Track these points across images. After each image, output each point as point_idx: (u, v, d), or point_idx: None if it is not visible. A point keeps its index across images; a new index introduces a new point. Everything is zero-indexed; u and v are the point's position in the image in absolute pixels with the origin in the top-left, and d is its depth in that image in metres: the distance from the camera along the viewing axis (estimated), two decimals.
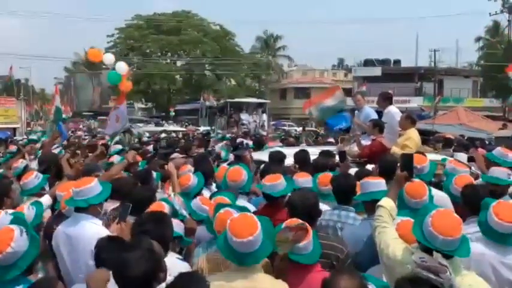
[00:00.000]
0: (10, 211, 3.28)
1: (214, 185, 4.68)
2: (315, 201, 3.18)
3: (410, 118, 6.22)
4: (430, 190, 3.48)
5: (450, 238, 2.37)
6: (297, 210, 3.06)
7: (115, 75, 8.59)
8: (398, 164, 3.32)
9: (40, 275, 2.87)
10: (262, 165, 4.92)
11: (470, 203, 3.41)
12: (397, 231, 2.78)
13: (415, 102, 32.01)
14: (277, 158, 5.31)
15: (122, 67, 8.72)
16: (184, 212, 3.39)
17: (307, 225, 2.68)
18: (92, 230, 3.20)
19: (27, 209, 3.40)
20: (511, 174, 4.11)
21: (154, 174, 5.15)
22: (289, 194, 3.48)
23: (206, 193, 4.20)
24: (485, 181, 4.17)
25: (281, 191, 3.60)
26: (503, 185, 4.00)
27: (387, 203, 2.93)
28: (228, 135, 16.86)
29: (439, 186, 4.28)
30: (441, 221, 2.41)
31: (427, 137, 10.48)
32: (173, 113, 41.80)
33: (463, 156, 6.84)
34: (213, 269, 2.81)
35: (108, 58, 9.09)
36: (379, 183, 3.40)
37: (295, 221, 2.70)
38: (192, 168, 4.97)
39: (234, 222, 2.53)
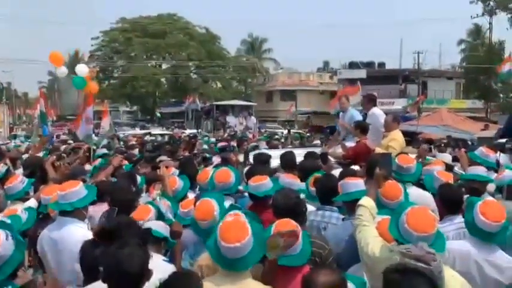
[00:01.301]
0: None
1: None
2: (297, 201, 3.23)
3: (396, 120, 6.33)
4: (405, 190, 3.53)
5: (425, 234, 2.44)
6: (280, 210, 3.13)
7: (79, 79, 8.44)
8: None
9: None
10: (247, 167, 4.95)
11: (447, 202, 3.51)
12: (378, 230, 2.82)
13: (400, 104, 32.35)
14: (261, 160, 5.34)
15: (82, 70, 8.56)
16: (170, 216, 3.38)
17: (298, 230, 2.68)
18: (78, 233, 3.19)
19: (21, 213, 3.37)
20: (487, 172, 4.21)
21: (138, 177, 5.14)
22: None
23: (191, 196, 4.23)
24: (464, 179, 4.26)
25: (265, 191, 3.66)
26: (482, 182, 4.09)
27: (367, 202, 2.98)
28: (212, 139, 16.88)
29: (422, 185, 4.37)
30: (416, 218, 2.49)
31: (410, 138, 10.64)
32: (159, 114, 41.59)
33: (446, 157, 6.97)
34: None
35: (79, 70, 8.74)
36: (358, 183, 3.45)
37: (286, 223, 2.70)
38: (177, 171, 4.98)
39: (224, 226, 2.50)
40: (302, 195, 4.09)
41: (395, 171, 4.25)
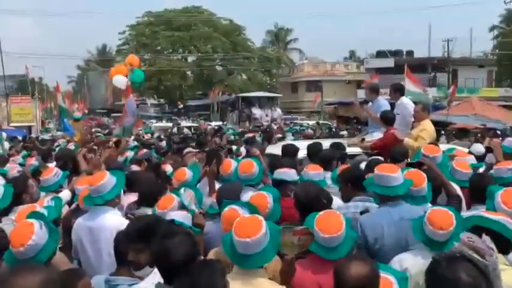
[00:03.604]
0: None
1: None
2: (317, 194, 3.23)
3: (426, 109, 6.20)
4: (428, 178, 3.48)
5: None
6: (300, 202, 3.18)
7: (137, 73, 8.35)
8: None
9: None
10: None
11: (474, 191, 3.44)
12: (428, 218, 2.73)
13: (430, 93, 31.65)
14: (288, 152, 5.35)
15: (121, 81, 8.37)
16: (194, 207, 3.36)
17: (311, 230, 2.64)
18: (114, 221, 3.30)
19: (47, 203, 3.47)
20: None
21: (170, 169, 5.23)
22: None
23: (217, 186, 4.29)
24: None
25: (285, 178, 3.85)
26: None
27: None
28: (238, 130, 16.98)
29: None
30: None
31: (440, 128, 10.42)
32: (181, 106, 42.00)
33: (478, 147, 6.79)
34: None
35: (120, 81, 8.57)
36: (399, 177, 3.29)
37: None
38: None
39: (241, 220, 2.52)
40: (330, 184, 4.10)
41: None
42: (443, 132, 12.27)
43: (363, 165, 4.41)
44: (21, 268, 1.67)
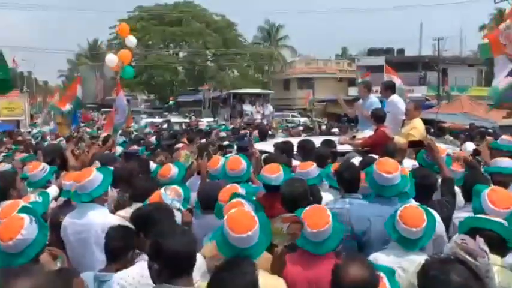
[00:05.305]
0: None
1: None
2: (303, 190, 3.23)
3: (418, 108, 6.24)
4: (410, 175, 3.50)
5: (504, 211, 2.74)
6: (286, 199, 3.19)
7: (128, 69, 8.22)
8: None
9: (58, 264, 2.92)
10: (265, 155, 4.93)
11: (467, 191, 3.45)
12: (401, 216, 2.75)
13: (419, 92, 31.83)
14: (282, 148, 5.34)
15: (112, 59, 8.13)
16: (178, 205, 3.29)
17: (300, 218, 2.65)
18: (101, 218, 3.27)
19: (34, 199, 3.43)
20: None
21: (154, 165, 5.20)
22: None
23: None
24: (488, 172, 4.12)
25: (277, 181, 3.62)
26: (506, 174, 3.93)
27: None
28: (230, 127, 16.94)
29: None
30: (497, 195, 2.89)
31: (430, 126, 10.48)
32: (171, 102, 41.79)
33: (469, 146, 6.86)
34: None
35: (111, 60, 8.30)
36: (396, 177, 3.28)
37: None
38: None
39: (232, 216, 2.49)
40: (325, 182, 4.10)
41: (424, 161, 4.17)
42: (432, 130, 12.38)
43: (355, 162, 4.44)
44: (13, 271, 1.64)
